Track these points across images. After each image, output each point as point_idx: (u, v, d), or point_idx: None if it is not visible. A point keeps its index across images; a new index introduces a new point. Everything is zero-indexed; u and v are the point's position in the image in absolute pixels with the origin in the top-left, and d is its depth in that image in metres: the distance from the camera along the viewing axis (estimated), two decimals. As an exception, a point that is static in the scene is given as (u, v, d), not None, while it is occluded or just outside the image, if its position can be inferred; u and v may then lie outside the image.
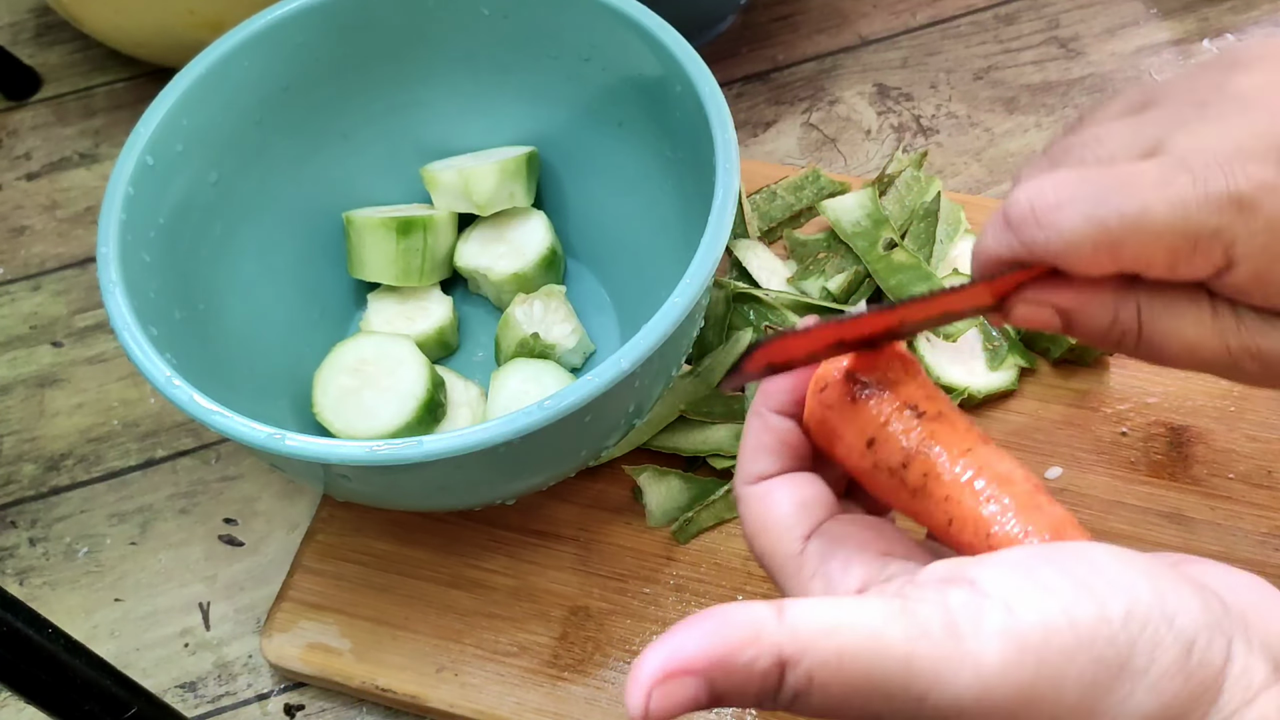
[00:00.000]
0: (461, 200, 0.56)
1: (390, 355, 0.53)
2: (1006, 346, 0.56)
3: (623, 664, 0.50)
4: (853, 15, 0.75)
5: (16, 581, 0.56)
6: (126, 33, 0.69)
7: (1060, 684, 0.24)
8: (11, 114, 0.75)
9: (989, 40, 0.73)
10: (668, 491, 0.53)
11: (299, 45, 0.53)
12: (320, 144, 0.57)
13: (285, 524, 0.57)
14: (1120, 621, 0.25)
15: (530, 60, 0.56)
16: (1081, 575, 0.25)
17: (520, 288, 0.57)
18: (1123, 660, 0.24)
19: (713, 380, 0.55)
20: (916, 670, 0.24)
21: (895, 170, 0.61)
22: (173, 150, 0.49)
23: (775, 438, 0.32)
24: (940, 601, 0.25)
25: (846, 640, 0.24)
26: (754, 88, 0.72)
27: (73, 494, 0.59)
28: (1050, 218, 0.31)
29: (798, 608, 0.25)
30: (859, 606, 0.25)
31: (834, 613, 0.25)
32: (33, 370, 0.63)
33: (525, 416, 0.39)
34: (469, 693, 0.49)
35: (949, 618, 0.25)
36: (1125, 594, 0.25)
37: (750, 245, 0.60)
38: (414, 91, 0.57)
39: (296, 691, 0.52)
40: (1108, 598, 0.25)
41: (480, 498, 0.48)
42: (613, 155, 0.56)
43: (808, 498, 0.31)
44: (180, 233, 0.50)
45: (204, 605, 0.55)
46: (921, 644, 0.24)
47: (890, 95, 0.71)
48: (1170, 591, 0.26)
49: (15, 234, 0.69)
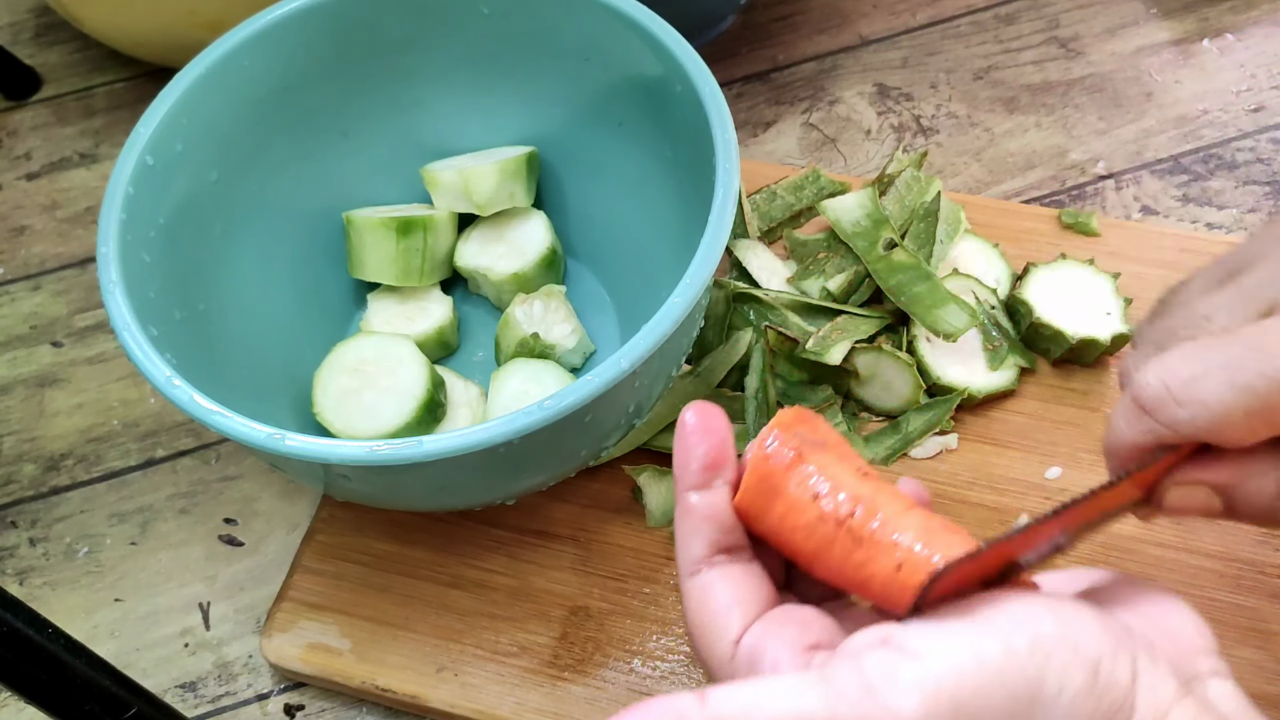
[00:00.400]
0: (461, 200, 0.56)
1: (390, 355, 0.53)
2: (1006, 346, 0.56)
3: (623, 664, 0.50)
4: (853, 15, 0.75)
5: (16, 581, 0.56)
6: (126, 33, 0.69)
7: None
8: (11, 114, 0.75)
9: (989, 40, 0.73)
10: (668, 491, 0.53)
11: (299, 45, 0.53)
12: (320, 144, 0.57)
13: (285, 524, 0.57)
14: (1026, 652, 0.26)
15: (530, 60, 0.56)
16: (986, 615, 0.27)
17: (520, 288, 0.57)
18: (1034, 690, 0.25)
19: (713, 380, 0.55)
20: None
21: (895, 170, 0.61)
22: (173, 150, 0.49)
23: (698, 516, 0.32)
24: (856, 666, 0.26)
25: (767, 718, 0.25)
26: (754, 88, 0.72)
27: (73, 494, 0.59)
28: (1190, 393, 0.30)
29: (719, 693, 0.26)
30: (778, 684, 0.26)
31: (753, 693, 0.26)
32: (33, 370, 0.63)
33: (525, 416, 0.39)
34: (469, 693, 0.49)
35: (864, 679, 0.26)
36: (1028, 627, 0.26)
37: (750, 245, 0.60)
38: (414, 91, 0.57)
39: (296, 691, 0.52)
40: (1011, 633, 0.26)
41: (480, 498, 0.48)
42: (613, 155, 0.56)
43: (741, 594, 0.31)
44: (180, 233, 0.50)
45: (204, 605, 0.55)
46: (840, 708, 0.25)
47: (890, 95, 0.71)
48: (1071, 618, 0.27)
49: (15, 234, 0.69)
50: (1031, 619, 0.26)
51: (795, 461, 0.31)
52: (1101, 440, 0.53)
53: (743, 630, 0.31)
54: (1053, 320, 0.55)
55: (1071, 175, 0.66)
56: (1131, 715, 0.26)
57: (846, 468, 0.31)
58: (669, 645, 0.50)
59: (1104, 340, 0.54)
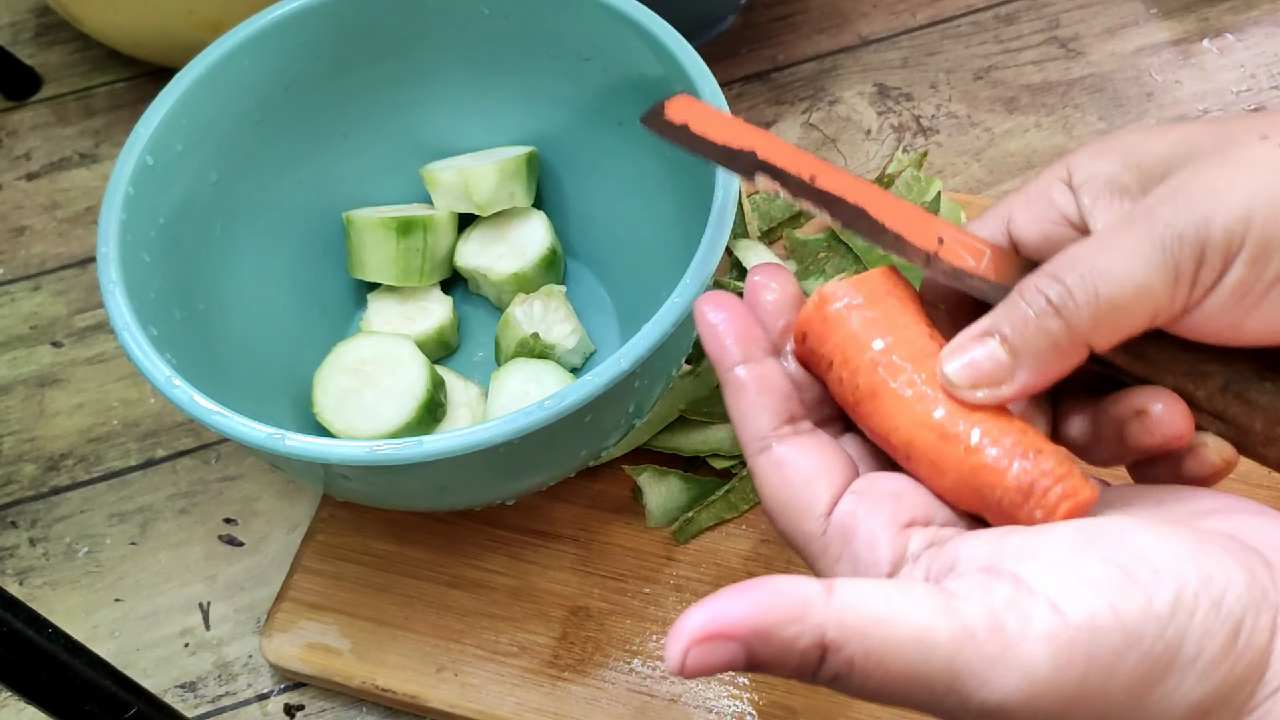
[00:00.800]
0: (461, 200, 0.56)
1: (390, 355, 0.53)
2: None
3: (623, 664, 0.50)
4: (853, 15, 0.75)
5: (16, 581, 0.56)
6: (126, 33, 0.69)
7: (1108, 683, 0.24)
8: (11, 114, 0.75)
9: (989, 40, 0.73)
10: (668, 491, 0.53)
11: (299, 45, 0.53)
12: (320, 144, 0.57)
13: (285, 524, 0.57)
14: (1168, 612, 0.24)
15: (530, 60, 0.56)
16: (1126, 564, 0.25)
17: (520, 288, 0.57)
18: (1172, 653, 0.24)
19: (713, 380, 0.55)
20: (962, 671, 0.24)
21: (895, 170, 0.61)
22: (173, 150, 0.49)
23: (753, 390, 0.31)
24: (985, 600, 0.25)
25: (893, 633, 0.24)
26: (754, 88, 0.72)
27: (73, 494, 0.59)
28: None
29: (847, 591, 0.25)
30: (907, 598, 0.25)
31: (883, 602, 0.25)
32: (33, 370, 0.63)
33: (525, 416, 0.39)
34: (469, 693, 0.49)
35: (995, 618, 0.24)
36: (1171, 580, 0.25)
37: (750, 245, 0.60)
38: (414, 91, 0.57)
39: (296, 691, 0.52)
40: (1154, 587, 0.24)
41: (480, 498, 0.48)
42: (613, 155, 0.56)
43: (823, 465, 0.30)
44: (180, 233, 0.50)
45: (204, 605, 0.55)
46: (968, 645, 0.24)
47: (890, 95, 0.71)
48: (1216, 568, 0.25)
49: (15, 234, 0.69)
50: (1175, 570, 0.25)
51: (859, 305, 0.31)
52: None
53: (832, 503, 0.29)
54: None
55: (1071, 175, 0.66)
56: (1265, 671, 0.25)
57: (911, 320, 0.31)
58: (669, 645, 0.50)
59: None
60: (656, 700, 0.49)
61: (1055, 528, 0.27)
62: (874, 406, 0.30)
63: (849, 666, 0.24)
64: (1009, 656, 0.24)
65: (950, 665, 0.24)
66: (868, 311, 0.31)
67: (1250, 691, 0.25)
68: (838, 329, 0.31)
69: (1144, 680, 0.24)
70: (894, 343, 0.30)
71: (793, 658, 0.24)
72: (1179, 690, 0.24)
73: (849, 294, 0.31)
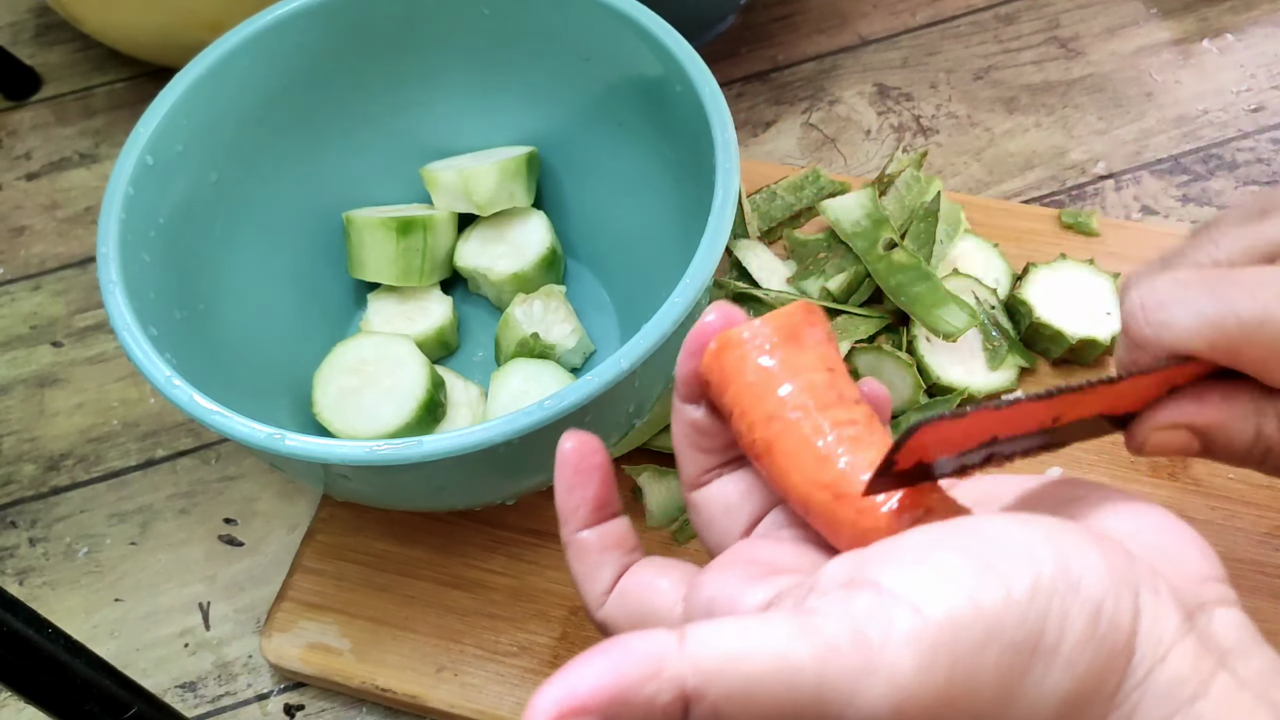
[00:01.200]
0: (461, 200, 0.56)
1: (390, 355, 0.53)
2: (1006, 346, 0.56)
3: (623, 664, 0.50)
4: (853, 15, 0.75)
5: (16, 581, 0.56)
6: (126, 33, 0.69)
7: (976, 678, 0.24)
8: (11, 114, 0.75)
9: (989, 40, 0.73)
10: (668, 491, 0.53)
11: (299, 45, 0.53)
12: (320, 144, 0.57)
13: (285, 524, 0.57)
14: (1027, 598, 0.24)
15: (530, 60, 0.56)
16: (983, 554, 0.24)
17: (520, 288, 0.57)
18: (1034, 640, 0.24)
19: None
20: (829, 689, 0.23)
21: (895, 170, 0.61)
22: (173, 150, 0.49)
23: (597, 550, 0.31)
24: (846, 613, 0.24)
25: (752, 669, 0.23)
26: (754, 88, 0.72)
27: (73, 494, 0.59)
28: (1159, 316, 0.30)
29: (701, 633, 0.24)
30: (764, 628, 0.24)
31: (737, 637, 0.24)
32: (33, 370, 0.63)
33: (525, 416, 0.39)
34: (469, 693, 0.49)
35: (856, 629, 0.24)
36: (1028, 566, 0.24)
37: (750, 245, 0.60)
38: (414, 91, 0.57)
39: (296, 691, 0.52)
40: (1011, 575, 0.24)
41: (480, 498, 0.48)
42: (613, 155, 0.56)
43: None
44: (180, 233, 0.50)
45: (204, 605, 0.55)
46: (832, 662, 0.23)
47: (890, 95, 0.71)
48: (1073, 553, 0.25)
49: (15, 234, 0.69)
50: (1030, 555, 0.24)
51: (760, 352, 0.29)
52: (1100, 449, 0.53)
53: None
54: (1053, 320, 0.55)
55: (1071, 175, 0.66)
56: (1131, 657, 0.24)
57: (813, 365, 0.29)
58: (669, 645, 0.50)
59: (1104, 340, 0.54)
60: (656, 700, 0.49)
61: (913, 531, 0.26)
62: (770, 461, 0.29)
63: (715, 713, 0.23)
64: (874, 666, 0.23)
65: (817, 687, 0.23)
66: (768, 359, 0.29)
67: (1118, 680, 0.24)
68: (735, 379, 0.29)
69: (1011, 672, 0.24)
70: (793, 393, 0.29)
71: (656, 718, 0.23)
72: (1047, 681, 0.24)
73: (750, 340, 0.29)
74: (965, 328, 0.53)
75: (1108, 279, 0.57)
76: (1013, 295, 0.57)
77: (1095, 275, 0.57)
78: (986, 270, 0.58)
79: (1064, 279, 0.56)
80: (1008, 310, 0.57)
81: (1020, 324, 0.56)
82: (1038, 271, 0.57)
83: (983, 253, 0.59)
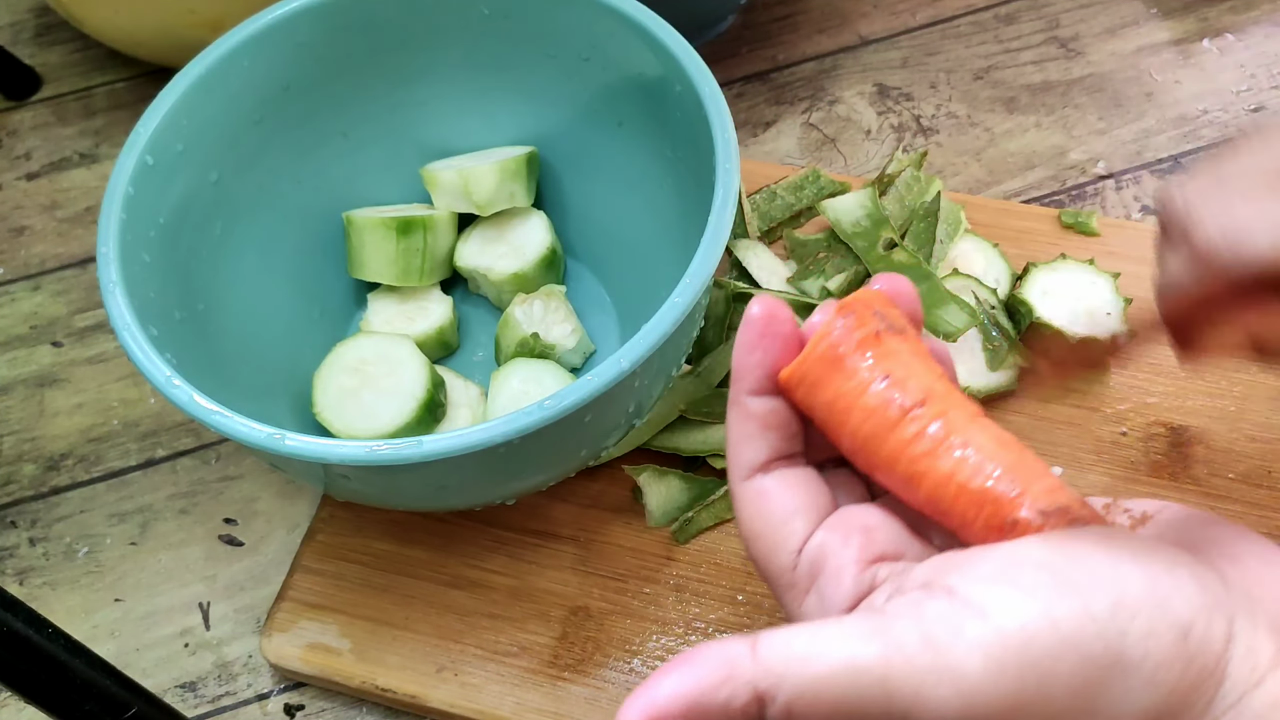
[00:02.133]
0: (461, 200, 0.56)
1: (390, 355, 0.53)
2: (1006, 346, 0.56)
3: (623, 664, 0.50)
4: (853, 15, 0.75)
5: (16, 581, 0.56)
6: (126, 33, 0.69)
7: (1047, 688, 0.24)
8: (11, 114, 0.75)
9: (989, 40, 0.73)
10: (668, 491, 0.53)
11: (299, 45, 0.53)
12: (320, 144, 0.57)
13: (285, 524, 0.57)
14: (1107, 615, 0.24)
15: (530, 60, 0.56)
16: (1064, 571, 0.25)
17: (520, 288, 0.57)
18: (1114, 655, 0.24)
19: (713, 380, 0.55)
20: (894, 689, 0.24)
21: (895, 170, 0.61)
22: (173, 150, 0.49)
23: (759, 423, 0.31)
24: (917, 615, 0.25)
25: (821, 669, 0.24)
26: (754, 88, 0.72)
27: (73, 494, 0.59)
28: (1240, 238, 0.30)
29: (771, 640, 0.25)
30: (835, 630, 0.25)
31: (808, 641, 0.25)
32: (33, 370, 0.63)
33: (525, 416, 0.39)
34: (469, 693, 0.49)
35: (926, 631, 0.24)
36: (1111, 586, 0.24)
37: (750, 245, 0.60)
38: (414, 91, 0.57)
39: (296, 691, 0.52)
40: (1091, 592, 0.24)
41: (480, 498, 0.48)
42: (613, 155, 0.56)
43: (803, 502, 0.30)
44: (180, 233, 0.50)
45: (204, 605, 0.55)
46: (898, 662, 0.24)
47: (890, 95, 0.71)
48: (1163, 575, 0.25)
49: (15, 234, 0.69)
50: (1116, 576, 0.25)
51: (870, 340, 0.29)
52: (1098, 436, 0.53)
53: (805, 540, 0.29)
54: (1053, 320, 0.55)
55: (1071, 175, 0.66)
56: (1223, 681, 0.24)
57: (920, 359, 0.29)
58: (669, 645, 0.50)
59: (1104, 340, 0.54)
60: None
61: (999, 545, 0.27)
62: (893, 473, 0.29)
63: (787, 713, 0.24)
64: (940, 668, 0.24)
65: (883, 685, 0.24)
66: (860, 356, 0.29)
67: (1208, 701, 0.25)
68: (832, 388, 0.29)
69: (1087, 685, 0.24)
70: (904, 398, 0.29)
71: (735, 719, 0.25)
72: (1129, 696, 0.24)
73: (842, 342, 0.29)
74: (965, 328, 0.53)
75: (1108, 279, 0.57)
76: (1013, 295, 0.57)
77: (1095, 275, 0.57)
78: (986, 270, 0.58)
79: (1064, 279, 0.57)
80: (1008, 310, 0.57)
81: (1020, 324, 0.56)
82: (1038, 271, 0.57)
83: (983, 253, 0.59)
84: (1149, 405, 0.54)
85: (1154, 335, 0.33)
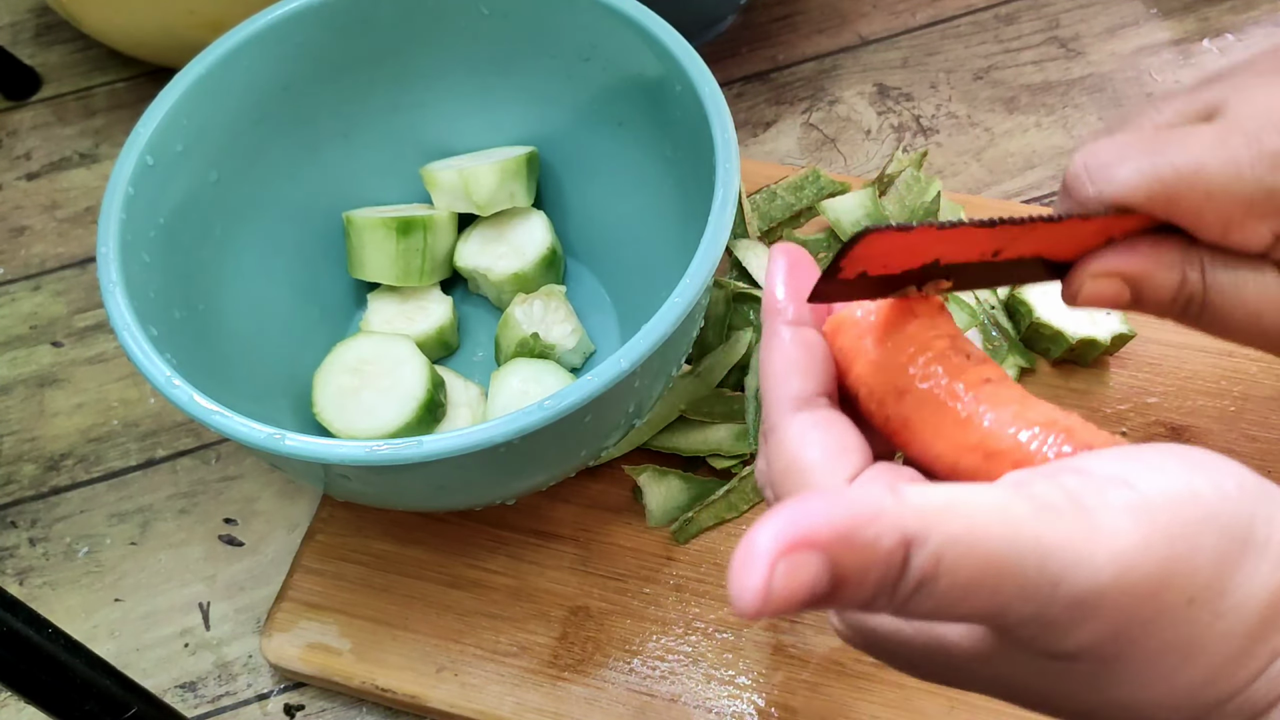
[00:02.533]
0: (461, 200, 0.56)
1: (390, 355, 0.53)
2: (1006, 347, 0.56)
3: (623, 664, 0.50)
4: (853, 15, 0.75)
5: (16, 581, 0.56)
6: (126, 33, 0.69)
7: (1194, 558, 0.23)
8: (11, 114, 0.75)
9: (989, 40, 0.73)
10: (668, 491, 0.53)
11: (299, 45, 0.53)
12: (320, 144, 0.57)
13: (285, 524, 0.57)
14: (1236, 494, 0.24)
15: (530, 60, 0.56)
16: (1186, 456, 0.25)
17: (520, 288, 0.57)
18: (1246, 533, 0.24)
19: (713, 380, 0.55)
20: (1049, 551, 0.22)
21: (895, 170, 0.61)
22: (173, 150, 0.49)
23: (807, 353, 0.29)
24: (1057, 483, 0.24)
25: (975, 517, 0.22)
26: (754, 88, 0.72)
27: (73, 494, 0.59)
28: (1104, 174, 0.32)
29: (915, 491, 0.22)
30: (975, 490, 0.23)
31: (951, 495, 0.23)
32: (33, 370, 0.63)
33: (525, 416, 0.39)
34: (469, 693, 0.49)
35: (1072, 496, 0.23)
36: (1231, 470, 0.25)
37: (750, 245, 0.60)
38: (414, 91, 0.57)
39: (296, 691, 0.52)
40: (1218, 473, 0.24)
41: (480, 498, 0.48)
42: (613, 155, 0.56)
43: (854, 442, 0.28)
44: (180, 233, 0.50)
45: (204, 605, 0.55)
46: (1051, 520, 0.22)
47: (890, 95, 0.71)
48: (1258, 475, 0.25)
49: (15, 234, 0.69)
50: (1229, 465, 0.25)
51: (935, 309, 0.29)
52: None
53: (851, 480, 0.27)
54: (1053, 320, 0.55)
55: (1071, 175, 0.66)
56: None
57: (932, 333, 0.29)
58: (669, 645, 0.50)
59: (1104, 340, 0.54)
60: (656, 700, 0.49)
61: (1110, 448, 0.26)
62: (910, 435, 0.29)
63: (935, 563, 0.22)
64: (1095, 530, 0.23)
65: (1038, 543, 0.22)
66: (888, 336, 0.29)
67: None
68: (857, 360, 0.29)
69: (1225, 559, 0.24)
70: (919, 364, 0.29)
71: (877, 565, 0.22)
72: (1257, 576, 0.24)
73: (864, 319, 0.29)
74: (965, 328, 0.53)
75: (1108, 279, 0.57)
76: (1013, 295, 0.57)
77: (1095, 275, 0.57)
78: (986, 270, 0.58)
79: (1064, 279, 0.56)
80: (1008, 310, 0.57)
81: (1020, 324, 0.56)
82: (1038, 271, 0.57)
83: (983, 253, 0.59)
84: (1149, 405, 0.54)
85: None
